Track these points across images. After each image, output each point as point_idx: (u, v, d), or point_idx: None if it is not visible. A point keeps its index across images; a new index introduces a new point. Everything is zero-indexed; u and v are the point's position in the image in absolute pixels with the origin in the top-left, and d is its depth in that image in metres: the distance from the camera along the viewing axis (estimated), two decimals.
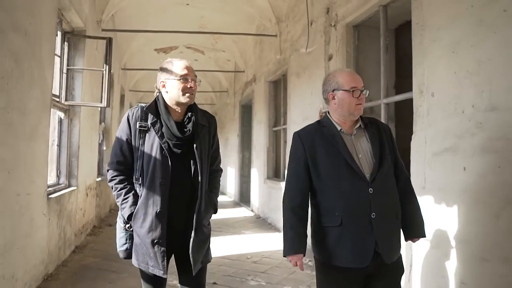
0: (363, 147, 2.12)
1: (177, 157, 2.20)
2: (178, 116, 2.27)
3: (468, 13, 2.82)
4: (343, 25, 4.85)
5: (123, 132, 2.23)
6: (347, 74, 2.15)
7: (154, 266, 2.17)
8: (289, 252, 2.11)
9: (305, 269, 4.82)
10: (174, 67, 2.23)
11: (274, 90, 8.46)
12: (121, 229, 2.27)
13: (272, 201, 7.90)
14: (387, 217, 2.05)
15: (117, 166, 2.23)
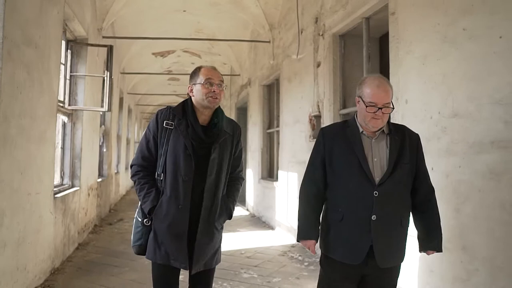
0: (380, 151, 2.15)
1: (199, 158, 2.27)
2: (204, 120, 2.36)
3: (435, 30, 3.16)
4: (330, 35, 5.19)
5: (150, 129, 2.34)
6: (373, 88, 2.09)
7: (176, 259, 2.22)
8: (302, 237, 2.25)
9: (295, 263, 5.17)
10: (200, 72, 2.34)
11: (268, 93, 8.79)
12: (138, 224, 2.32)
13: (266, 200, 8.24)
14: (389, 223, 2.09)
15: (142, 162, 2.32)
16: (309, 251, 2.26)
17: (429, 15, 3.24)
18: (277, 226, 7.35)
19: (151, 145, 2.32)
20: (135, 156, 2.39)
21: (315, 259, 5.28)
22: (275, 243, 6.36)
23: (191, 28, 9.81)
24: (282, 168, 7.09)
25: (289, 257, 5.49)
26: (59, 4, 4.59)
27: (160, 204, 2.24)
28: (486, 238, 2.66)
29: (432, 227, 2.20)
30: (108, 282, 4.33)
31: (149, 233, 2.29)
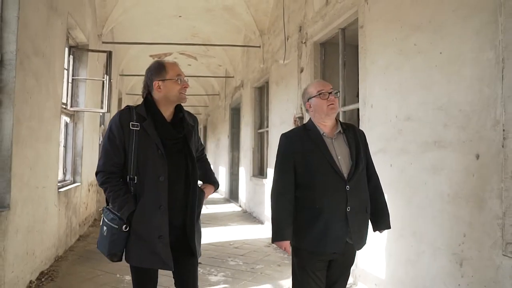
0: (342, 149, 2.37)
1: (171, 155, 2.25)
2: (169, 116, 2.33)
3: (393, 44, 3.62)
4: (312, 43, 5.64)
5: (114, 133, 2.23)
6: (314, 83, 2.49)
7: (159, 262, 2.19)
8: (277, 238, 2.33)
9: (278, 253, 5.63)
10: (167, 68, 2.29)
11: (259, 95, 9.24)
12: (114, 231, 2.18)
13: (256, 197, 8.70)
14: (359, 211, 2.31)
15: (110, 168, 2.24)
16: (284, 251, 2.37)
17: (389, 30, 3.70)
18: (266, 220, 7.82)
19: (117, 149, 2.23)
20: (101, 162, 2.27)
21: None
22: (263, 236, 6.83)
23: (187, 32, 10.24)
24: (271, 166, 7.55)
25: (273, 247, 5.95)
26: (63, 15, 5.04)
27: (140, 207, 2.18)
28: (430, 224, 3.11)
29: (383, 209, 2.48)
30: (107, 267, 4.77)
31: (126, 238, 2.18)
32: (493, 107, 2.51)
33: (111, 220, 2.19)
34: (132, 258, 2.21)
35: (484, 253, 2.55)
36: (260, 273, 4.67)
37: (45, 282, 4.23)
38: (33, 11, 3.91)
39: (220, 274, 4.60)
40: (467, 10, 2.75)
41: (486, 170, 2.56)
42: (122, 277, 4.42)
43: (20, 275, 3.79)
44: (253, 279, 4.43)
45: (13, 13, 3.51)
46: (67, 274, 4.55)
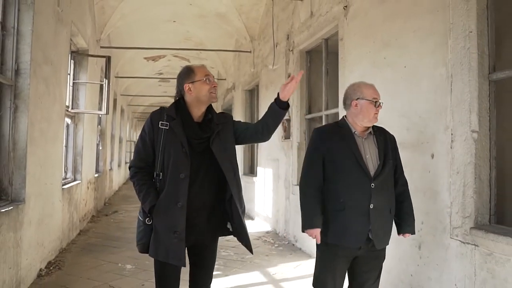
0: (370, 149, 2.43)
1: (196, 154, 2.31)
2: (199, 117, 2.39)
3: (368, 56, 4.09)
4: (298, 51, 6.10)
5: (146, 132, 2.36)
6: (371, 87, 2.50)
7: (174, 257, 2.24)
8: (308, 226, 2.38)
9: (267, 245, 6.08)
10: (196, 71, 2.38)
11: (250, 98, 9.70)
12: (140, 223, 2.33)
13: (247, 194, 9.12)
14: (383, 210, 2.36)
15: (139, 163, 2.36)
16: (315, 239, 2.39)
17: (364, 44, 4.17)
18: (256, 216, 8.28)
19: (147, 146, 2.34)
20: (133, 158, 2.43)
21: (284, 242, 6.22)
22: (253, 230, 7.28)
23: (181, 36, 10.66)
24: (260, 165, 8.02)
25: (263, 240, 6.42)
26: (68, 25, 5.45)
27: (159, 203, 2.27)
28: None
29: (409, 214, 2.52)
30: (109, 258, 5.19)
31: (151, 231, 2.30)
32: (444, 115, 2.98)
33: (140, 212, 2.36)
34: (151, 251, 2.30)
35: (437, 237, 3.02)
36: (249, 262, 5.12)
37: (53, 270, 4.64)
38: (44, 24, 4.32)
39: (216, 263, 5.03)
40: (424, 32, 3.22)
41: (438, 167, 3.04)
42: (123, 265, 4.82)
43: (32, 263, 4.20)
44: (243, 267, 4.87)
45: (27, 27, 3.92)
46: (72, 263, 4.96)
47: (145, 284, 4.17)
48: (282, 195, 6.68)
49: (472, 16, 2.76)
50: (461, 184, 2.81)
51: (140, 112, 22.69)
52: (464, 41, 2.81)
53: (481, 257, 2.61)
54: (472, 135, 2.73)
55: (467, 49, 2.79)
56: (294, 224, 6.06)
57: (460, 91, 2.83)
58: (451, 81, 2.92)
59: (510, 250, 2.39)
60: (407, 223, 2.52)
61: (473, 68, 2.75)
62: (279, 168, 6.82)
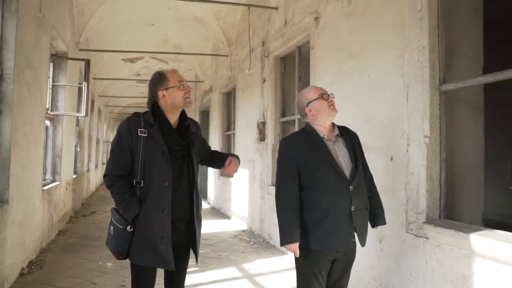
0: (341, 151, 2.46)
1: (176, 161, 2.34)
2: (174, 122, 2.41)
3: (336, 65, 4.39)
4: (273, 57, 6.38)
5: (124, 139, 2.32)
6: (310, 88, 2.57)
7: (161, 262, 2.28)
8: (286, 241, 2.36)
9: (243, 243, 6.34)
10: (169, 77, 2.38)
11: (227, 100, 9.94)
12: (120, 231, 2.28)
13: (224, 194, 9.40)
14: (361, 209, 2.42)
15: (118, 172, 2.32)
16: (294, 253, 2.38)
17: (333, 53, 4.47)
18: (232, 216, 8.53)
19: (126, 154, 2.31)
20: (109, 166, 2.35)
21: (259, 240, 6.50)
22: (229, 229, 7.54)
23: (159, 39, 10.81)
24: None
25: (239, 238, 6.68)
26: (49, 29, 5.58)
27: (145, 210, 2.27)
28: None
29: (379, 207, 2.63)
30: (90, 257, 5.36)
31: (131, 238, 2.28)
32: (401, 121, 3.30)
33: (117, 220, 2.29)
34: (135, 258, 2.31)
35: (395, 231, 3.34)
36: (226, 258, 5.36)
37: (35, 269, 4.77)
38: (26, 30, 4.46)
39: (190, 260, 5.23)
40: (385, 46, 3.54)
41: (396, 169, 3.36)
42: (104, 263, 5.00)
43: (15, 262, 4.34)
44: (219, 264, 5.12)
45: (11, 34, 4.06)
46: (53, 262, 5.10)
47: (126, 281, 4.35)
48: (257, 195, 6.96)
49: (425, 33, 3.09)
50: (415, 183, 3.13)
51: (117, 113, 22.63)
52: (418, 56, 3.14)
53: (431, 249, 2.93)
54: (425, 140, 3.05)
55: (420, 63, 3.11)
56: (268, 223, 6.34)
57: (414, 100, 3.16)
58: (407, 91, 3.24)
59: (454, 241, 2.71)
60: (378, 216, 2.62)
61: (425, 80, 3.07)
62: (255, 169, 7.09)
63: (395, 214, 3.36)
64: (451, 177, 3.17)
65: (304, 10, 5.21)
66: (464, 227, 2.76)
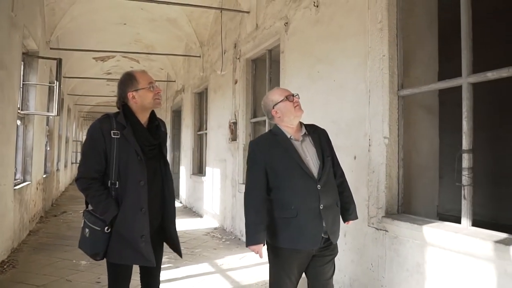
0: (309, 151, 2.48)
1: (148, 160, 2.39)
2: (145, 123, 2.46)
3: (304, 69, 4.63)
4: (245, 59, 6.58)
5: (96, 141, 2.33)
6: (275, 91, 2.58)
7: (142, 259, 2.33)
8: (251, 243, 2.39)
9: (215, 240, 6.51)
10: (138, 78, 2.41)
11: (199, 100, 10.06)
12: (97, 233, 2.30)
13: (196, 193, 9.53)
14: (331, 207, 2.43)
15: (93, 174, 2.33)
16: (258, 255, 2.40)
17: (301, 58, 4.71)
18: (204, 214, 8.68)
19: (100, 156, 2.32)
20: (82, 169, 2.36)
21: (231, 237, 6.69)
22: (202, 227, 7.70)
23: (131, 38, 10.81)
24: (209, 165, 8.43)
25: (211, 236, 6.85)
26: (20, 29, 5.59)
27: (124, 211, 2.30)
28: None
29: (350, 202, 2.66)
30: (63, 255, 5.40)
31: (108, 238, 2.31)
32: (364, 123, 3.56)
33: (94, 222, 2.30)
34: (114, 257, 2.34)
35: (358, 225, 3.58)
36: (199, 255, 5.53)
37: (7, 268, 4.79)
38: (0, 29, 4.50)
39: (164, 257, 5.33)
40: (349, 52, 3.80)
41: (359, 167, 3.62)
42: (78, 262, 5.06)
43: None
44: (192, 260, 5.28)
45: None
46: (26, 262, 5.12)
47: (101, 277, 4.45)
48: (229, 194, 7.14)
49: (385, 42, 3.35)
50: (376, 181, 3.39)
51: (87, 112, 22.32)
52: (379, 63, 3.40)
53: (390, 240, 3.20)
54: (384, 141, 3.32)
55: (381, 70, 3.38)
56: (240, 220, 6.53)
57: (375, 104, 3.42)
58: (369, 95, 3.50)
59: (409, 233, 2.98)
60: (349, 211, 2.65)
61: (385, 85, 3.34)
62: (227, 168, 7.27)
63: (358, 209, 3.54)
64: (408, 174, 3.45)
65: (274, 15, 5.43)
66: (418, 220, 3.04)
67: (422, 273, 2.90)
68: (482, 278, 2.45)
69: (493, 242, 2.39)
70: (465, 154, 2.78)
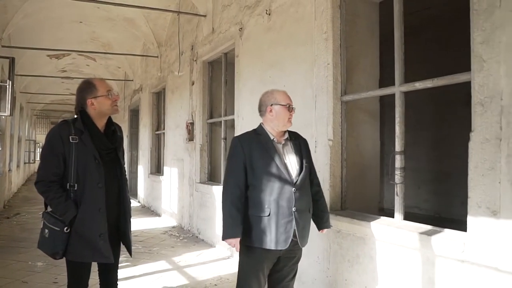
0: (289, 155, 2.58)
1: (105, 164, 2.53)
2: (102, 127, 2.60)
3: (257, 74, 4.86)
4: (201, 61, 6.73)
5: (54, 146, 2.45)
6: (284, 93, 2.64)
7: (101, 256, 2.47)
8: (228, 236, 2.45)
9: (173, 238, 6.64)
10: (97, 86, 2.55)
11: (157, 100, 10.11)
12: (57, 234, 2.41)
13: (154, 192, 9.59)
14: (303, 212, 2.53)
15: (52, 177, 2.45)
16: (234, 248, 2.48)
17: (254, 63, 4.93)
18: (163, 213, 8.77)
19: (58, 161, 2.44)
20: (41, 172, 2.49)
21: (188, 235, 6.84)
22: (160, 226, 7.80)
23: (87, 36, 10.68)
24: (167, 164, 8.53)
25: (169, 234, 6.97)
26: None
27: (83, 211, 2.43)
28: None
29: (324, 211, 2.77)
30: (18, 257, 5.38)
31: (67, 238, 2.42)
32: (311, 126, 3.83)
33: (53, 223, 2.43)
34: (74, 255, 2.46)
35: None
36: (156, 253, 5.65)
37: None
38: None
39: (122, 256, 5.43)
40: (298, 59, 4.05)
41: None
42: (34, 263, 5.07)
43: None
44: (150, 258, 5.39)
45: None
46: None
47: (58, 278, 4.50)
48: (186, 193, 7.28)
49: (329, 51, 3.63)
50: (322, 180, 3.62)
51: (40, 110, 21.65)
52: (324, 70, 3.67)
53: (333, 234, 3.48)
54: (328, 143, 3.60)
55: (325, 77, 3.65)
56: (197, 218, 6.70)
57: (321, 109, 3.69)
58: (315, 100, 3.77)
59: (350, 227, 3.27)
60: (323, 220, 2.76)
61: (329, 91, 3.61)
62: (184, 167, 7.41)
63: None
64: (351, 174, 3.75)
65: (230, 20, 5.63)
66: (358, 215, 3.34)
67: (362, 263, 3.19)
68: (411, 265, 2.77)
69: (418, 234, 2.71)
70: (397, 156, 3.09)
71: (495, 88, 2.28)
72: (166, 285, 4.36)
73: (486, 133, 2.33)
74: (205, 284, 4.40)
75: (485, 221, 2.31)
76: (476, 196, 2.37)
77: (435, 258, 2.60)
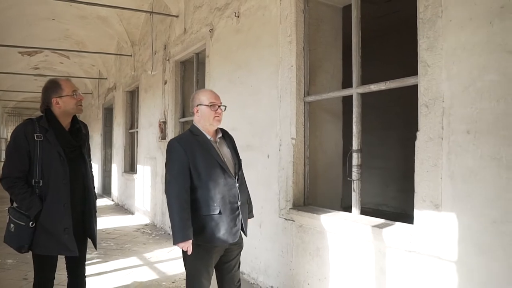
0: (225, 152, 2.70)
1: (70, 160, 2.63)
2: (67, 126, 2.70)
3: (227, 74, 4.99)
4: (174, 61, 6.82)
5: (19, 143, 2.54)
6: (207, 92, 2.70)
7: (66, 250, 2.57)
8: (180, 240, 2.44)
9: (145, 236, 6.71)
10: (63, 86, 2.64)
11: (131, 98, 10.12)
12: (22, 228, 2.50)
13: (127, 191, 9.61)
14: (244, 204, 2.71)
15: (17, 174, 2.54)
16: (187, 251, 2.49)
17: (224, 63, 5.06)
18: (136, 211, 8.81)
19: (23, 158, 2.53)
20: (6, 170, 2.57)
21: (161, 232, 6.92)
22: (133, 223, 7.85)
23: (60, 34, 10.58)
24: (140, 163, 8.57)
25: (141, 232, 7.04)
26: None
27: (47, 206, 2.52)
28: None
29: (249, 202, 2.95)
30: None
31: (33, 233, 2.50)
32: (275, 125, 3.99)
33: (19, 218, 2.51)
34: (40, 248, 2.55)
35: (271, 217, 4.02)
36: (128, 250, 5.73)
37: None
38: None
39: (94, 253, 5.52)
40: (264, 61, 4.21)
41: (272, 165, 4.04)
42: (4, 261, 5.08)
43: None
44: (122, 254, 5.47)
45: None
46: None
47: (28, 274, 4.54)
48: (159, 190, 7.35)
49: (293, 54, 3.79)
50: (285, 177, 3.83)
51: (12, 107, 21.23)
52: (288, 72, 3.83)
53: (296, 229, 3.65)
54: (292, 141, 3.76)
55: (289, 78, 3.81)
56: None
57: (285, 109, 3.85)
58: (280, 100, 3.93)
59: (311, 222, 3.45)
60: (249, 209, 2.94)
61: (293, 92, 3.77)
62: (157, 165, 7.48)
63: (271, 202, 4.04)
64: (314, 171, 3.92)
65: (201, 21, 5.74)
66: (318, 211, 3.51)
67: (321, 256, 3.37)
68: (365, 256, 2.95)
69: (371, 227, 2.89)
70: (354, 154, 3.28)
71: (438, 91, 2.48)
72: (136, 280, 4.45)
73: (430, 133, 2.52)
74: (174, 279, 4.51)
75: (429, 214, 2.50)
76: (421, 191, 2.56)
77: (385, 249, 2.79)
